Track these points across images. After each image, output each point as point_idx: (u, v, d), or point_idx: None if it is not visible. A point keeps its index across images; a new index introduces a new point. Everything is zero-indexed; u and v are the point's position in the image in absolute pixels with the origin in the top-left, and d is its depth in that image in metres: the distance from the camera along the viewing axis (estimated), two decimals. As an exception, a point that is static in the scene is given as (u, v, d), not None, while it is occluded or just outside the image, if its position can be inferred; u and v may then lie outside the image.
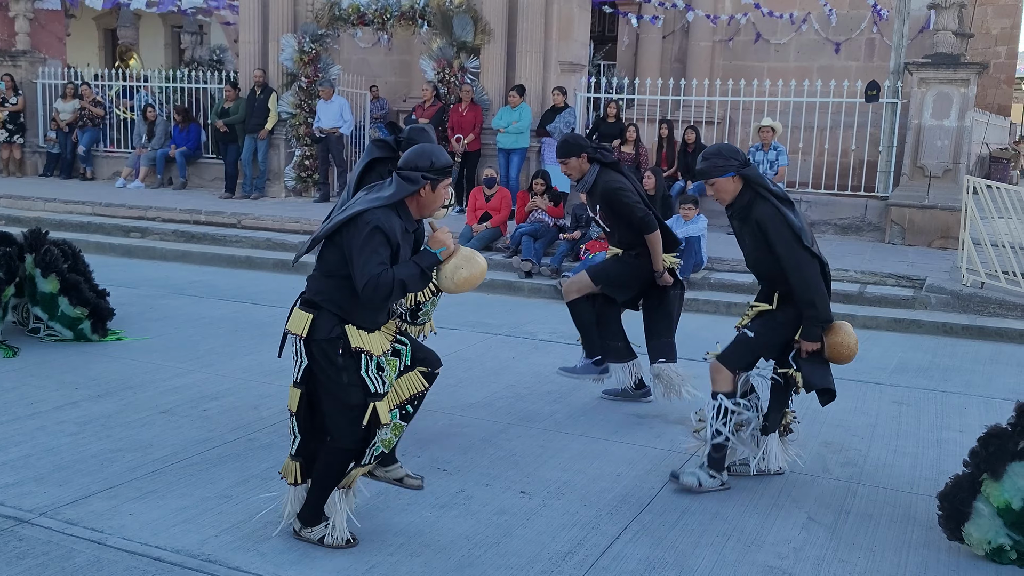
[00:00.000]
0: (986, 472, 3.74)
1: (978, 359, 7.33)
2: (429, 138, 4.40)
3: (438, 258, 3.70)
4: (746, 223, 4.35)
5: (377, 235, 3.50)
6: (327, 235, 3.60)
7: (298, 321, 3.62)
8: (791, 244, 4.17)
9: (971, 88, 10.93)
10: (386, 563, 3.61)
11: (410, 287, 3.60)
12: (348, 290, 3.56)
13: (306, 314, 3.60)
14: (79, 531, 3.77)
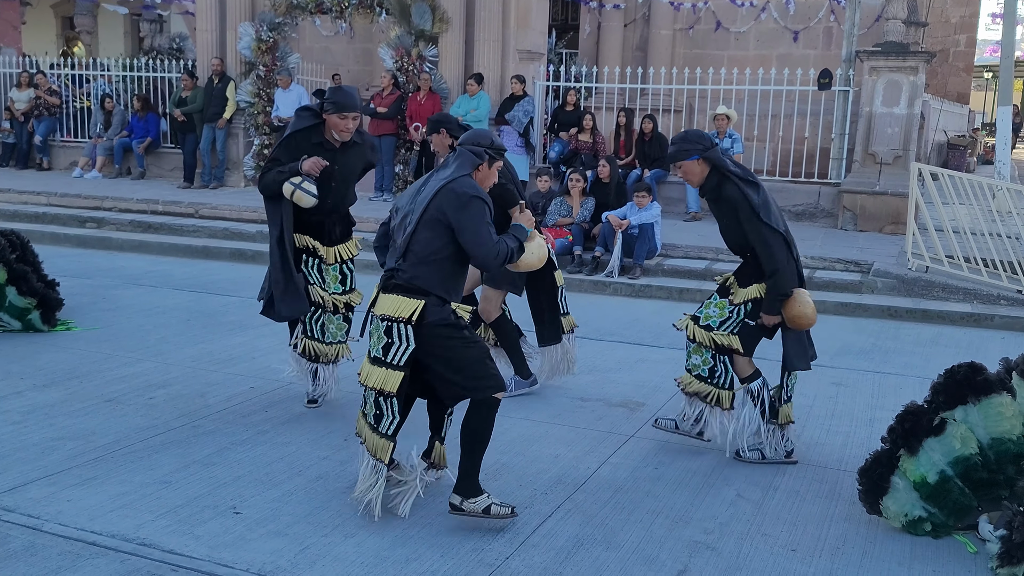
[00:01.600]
0: (903, 448, 3.88)
1: (919, 341, 7.51)
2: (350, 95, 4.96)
3: (527, 234, 3.97)
4: (718, 203, 4.61)
5: (480, 204, 3.75)
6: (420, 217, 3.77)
7: (401, 307, 3.74)
8: (752, 219, 4.43)
9: (920, 76, 11.12)
10: (320, 543, 3.68)
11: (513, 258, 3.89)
12: (446, 271, 3.79)
13: (412, 300, 3.73)
14: (15, 517, 3.80)
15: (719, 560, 3.64)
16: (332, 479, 4.31)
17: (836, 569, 3.60)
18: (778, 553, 3.71)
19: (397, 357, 3.75)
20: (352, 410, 5.27)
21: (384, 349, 3.77)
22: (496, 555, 3.62)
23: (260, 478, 4.30)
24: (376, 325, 3.82)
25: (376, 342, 3.81)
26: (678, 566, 3.59)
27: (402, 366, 3.75)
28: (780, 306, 4.51)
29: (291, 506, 4.00)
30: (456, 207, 3.72)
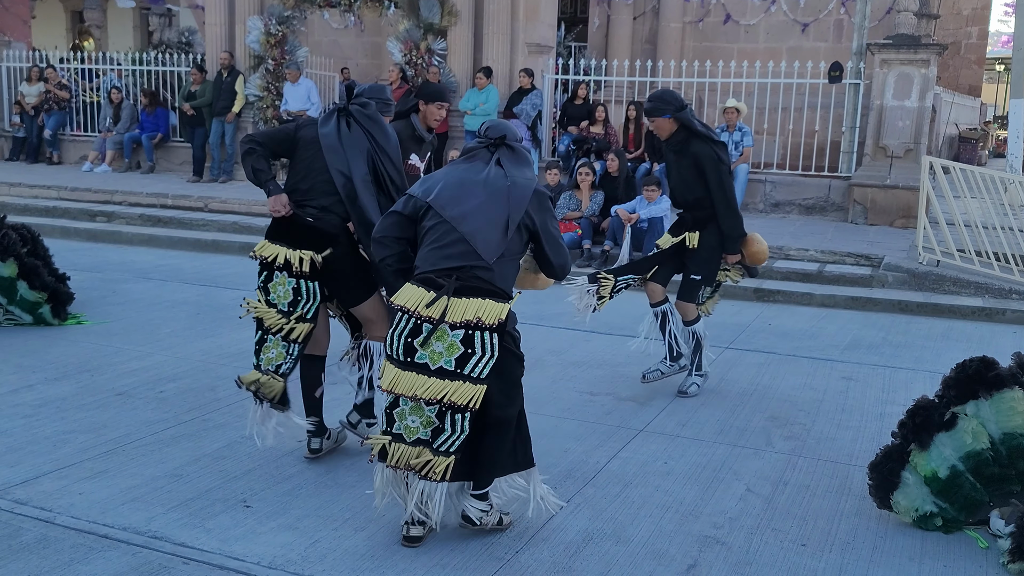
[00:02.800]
0: (914, 443, 3.87)
1: (930, 335, 7.48)
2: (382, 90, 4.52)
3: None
4: (683, 156, 5.33)
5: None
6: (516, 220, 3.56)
7: (490, 311, 3.42)
8: (723, 177, 5.28)
9: (932, 69, 11.05)
10: (330, 537, 3.69)
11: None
12: (514, 273, 3.64)
13: (500, 304, 3.45)
14: (28, 510, 3.82)
15: (729, 555, 3.64)
16: (342, 473, 4.32)
17: (846, 564, 3.59)
18: (788, 548, 3.71)
19: (479, 370, 3.42)
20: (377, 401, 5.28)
21: (460, 360, 3.41)
22: (505, 549, 3.62)
23: (270, 472, 4.31)
24: (442, 333, 3.43)
25: (443, 352, 3.43)
26: (688, 560, 3.59)
27: (485, 379, 3.43)
28: (740, 245, 5.48)
29: (301, 500, 4.02)
30: (541, 208, 3.62)
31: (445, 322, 3.42)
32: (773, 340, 7.13)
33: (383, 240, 3.67)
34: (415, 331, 3.45)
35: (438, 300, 3.42)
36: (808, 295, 8.58)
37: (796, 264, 9.24)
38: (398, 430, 3.54)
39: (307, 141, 4.28)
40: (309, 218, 4.20)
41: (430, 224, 3.56)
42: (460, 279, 3.45)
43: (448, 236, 3.50)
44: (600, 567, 3.52)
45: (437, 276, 3.47)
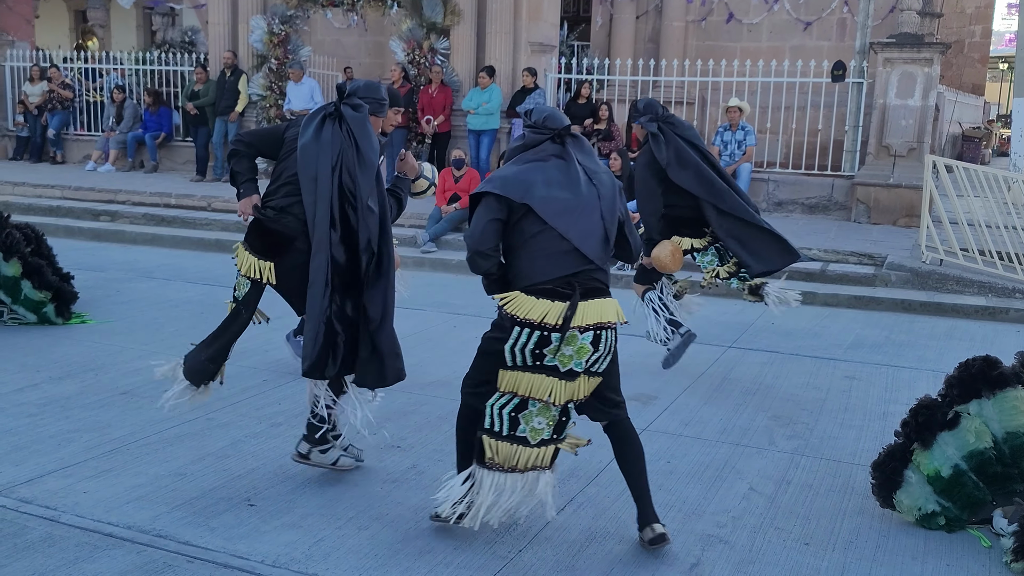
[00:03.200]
0: (916, 442, 3.87)
1: (933, 335, 7.48)
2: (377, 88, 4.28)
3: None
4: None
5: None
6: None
7: (612, 311, 3.47)
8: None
9: (935, 67, 11.04)
10: (334, 536, 3.70)
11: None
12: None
13: (615, 301, 3.53)
14: (33, 509, 3.84)
15: (732, 553, 3.64)
16: (345, 471, 4.32)
17: (849, 563, 3.60)
18: (791, 547, 3.71)
19: (601, 366, 3.50)
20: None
21: (590, 361, 3.44)
22: (509, 548, 3.63)
23: (274, 471, 4.32)
24: (572, 337, 3.37)
25: (573, 355, 3.40)
26: (691, 559, 3.59)
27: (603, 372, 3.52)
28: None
29: (305, 498, 4.03)
30: (620, 196, 3.63)
31: (574, 328, 3.37)
32: (776, 339, 7.13)
33: (488, 252, 3.44)
34: (543, 342, 3.37)
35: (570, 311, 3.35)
36: (811, 294, 8.56)
37: (799, 263, 9.20)
38: (522, 433, 3.49)
39: (289, 141, 4.12)
40: (268, 219, 4.08)
41: (533, 230, 3.40)
42: (580, 284, 3.40)
43: (557, 244, 3.39)
44: (603, 566, 3.52)
45: (556, 286, 3.38)
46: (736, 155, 11.58)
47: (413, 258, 9.77)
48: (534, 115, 3.65)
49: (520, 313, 3.36)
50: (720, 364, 6.33)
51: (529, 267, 3.41)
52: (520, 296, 3.38)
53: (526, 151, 3.59)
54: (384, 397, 5.38)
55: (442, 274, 9.55)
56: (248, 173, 4.24)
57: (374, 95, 4.16)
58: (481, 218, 3.43)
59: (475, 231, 3.44)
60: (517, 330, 3.37)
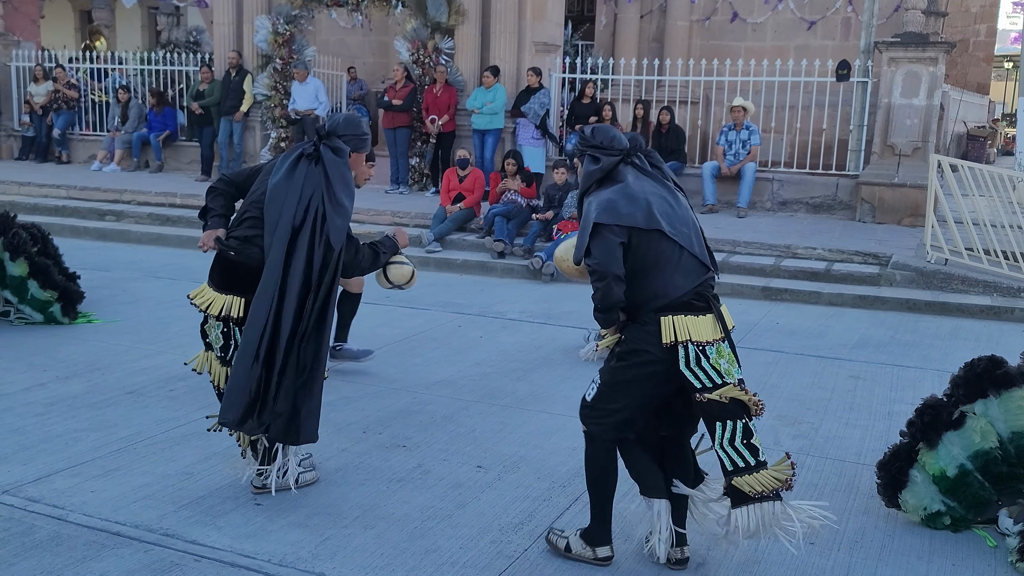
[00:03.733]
0: (922, 441, 3.87)
1: (938, 334, 7.47)
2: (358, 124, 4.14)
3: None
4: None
5: None
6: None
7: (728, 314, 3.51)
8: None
9: (940, 67, 11.02)
10: (340, 535, 3.71)
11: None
12: None
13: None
14: (41, 508, 3.85)
15: (737, 553, 3.65)
16: (351, 471, 4.35)
17: (855, 562, 3.60)
18: (796, 546, 3.71)
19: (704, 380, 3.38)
20: (384, 397, 5.32)
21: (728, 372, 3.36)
22: (515, 547, 3.64)
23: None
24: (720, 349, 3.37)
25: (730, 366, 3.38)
26: (696, 559, 3.60)
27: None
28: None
29: (311, 498, 4.04)
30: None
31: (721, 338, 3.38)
32: (780, 339, 7.13)
33: (623, 277, 3.35)
34: (704, 355, 3.32)
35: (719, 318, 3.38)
36: (816, 294, 8.58)
37: (803, 263, 9.24)
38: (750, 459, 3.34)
39: (263, 176, 4.02)
40: (231, 251, 3.95)
41: (658, 248, 3.36)
42: (707, 292, 3.43)
43: (679, 255, 3.38)
44: (609, 564, 3.53)
45: (691, 299, 3.36)
46: (740, 155, 11.58)
47: (418, 257, 9.78)
48: (599, 136, 3.58)
49: (681, 335, 3.31)
50: (725, 364, 6.33)
51: (661, 285, 3.36)
52: (670, 319, 3.32)
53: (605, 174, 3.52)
54: (389, 397, 5.44)
55: (447, 273, 9.56)
56: (219, 209, 4.13)
57: (354, 131, 4.03)
58: (608, 244, 3.34)
59: (606, 256, 3.33)
60: (682, 350, 3.31)
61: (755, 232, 10.20)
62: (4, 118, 16.18)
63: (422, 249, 10.01)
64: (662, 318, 3.32)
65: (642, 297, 3.38)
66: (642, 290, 3.38)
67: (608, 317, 3.43)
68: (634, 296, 3.39)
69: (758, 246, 9.61)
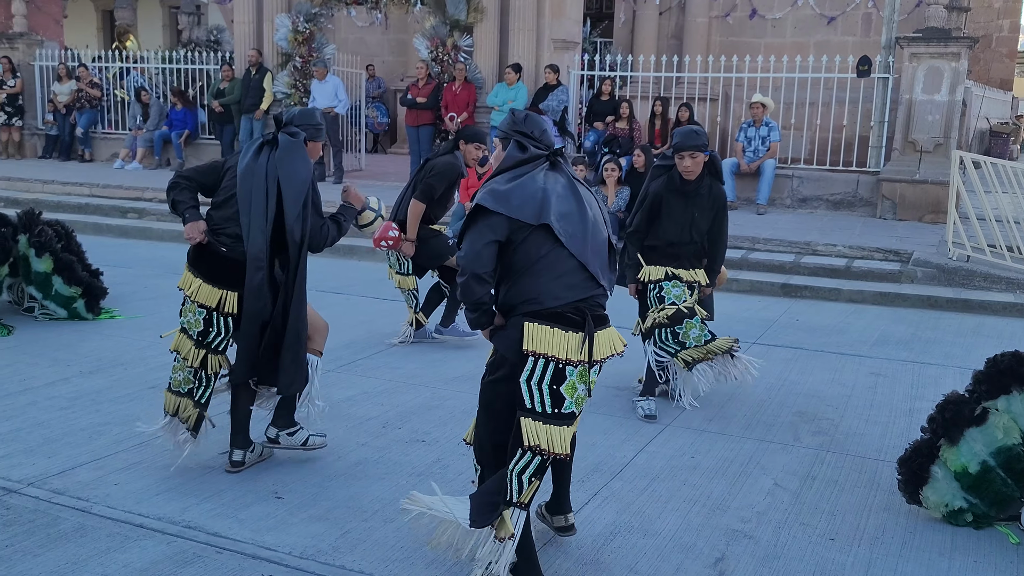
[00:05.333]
0: (943, 438, 3.85)
1: (960, 331, 7.41)
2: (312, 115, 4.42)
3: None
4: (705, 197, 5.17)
5: None
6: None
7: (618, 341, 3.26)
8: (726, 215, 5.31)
9: (962, 62, 10.93)
10: (360, 528, 3.73)
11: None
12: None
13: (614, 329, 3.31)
14: (65, 500, 3.90)
15: (756, 548, 3.64)
16: (371, 464, 4.37)
17: (875, 559, 3.58)
18: (816, 542, 3.71)
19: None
20: (403, 392, 5.34)
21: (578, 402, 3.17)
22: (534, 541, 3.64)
23: (300, 463, 4.37)
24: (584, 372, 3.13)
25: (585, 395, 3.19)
26: (715, 554, 3.59)
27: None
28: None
29: (331, 491, 4.07)
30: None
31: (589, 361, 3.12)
32: (801, 336, 7.10)
33: (487, 277, 3.12)
34: (558, 376, 3.09)
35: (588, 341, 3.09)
36: (836, 291, 8.54)
37: (824, 260, 9.19)
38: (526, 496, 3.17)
39: (230, 171, 4.20)
40: (223, 248, 4.11)
41: (542, 251, 3.11)
42: (588, 310, 3.14)
43: (566, 263, 3.12)
44: (628, 560, 3.54)
45: (566, 311, 3.10)
46: (760, 151, 11.53)
47: (436, 255, 9.80)
48: (529, 125, 3.34)
49: (533, 347, 3.06)
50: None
51: (536, 289, 3.10)
52: (532, 327, 3.08)
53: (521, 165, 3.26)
54: (408, 392, 5.46)
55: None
56: (190, 202, 4.24)
57: (309, 121, 4.28)
58: (480, 238, 3.10)
59: (471, 252, 3.10)
60: (532, 361, 3.08)
61: (774, 229, 10.16)
62: (28, 117, 16.36)
63: (441, 246, 10.02)
64: (526, 323, 3.08)
65: (511, 297, 3.15)
66: (512, 290, 3.15)
67: (475, 318, 3.20)
68: (507, 297, 3.17)
69: (778, 243, 9.57)
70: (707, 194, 5.14)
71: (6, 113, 16.03)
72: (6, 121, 16.07)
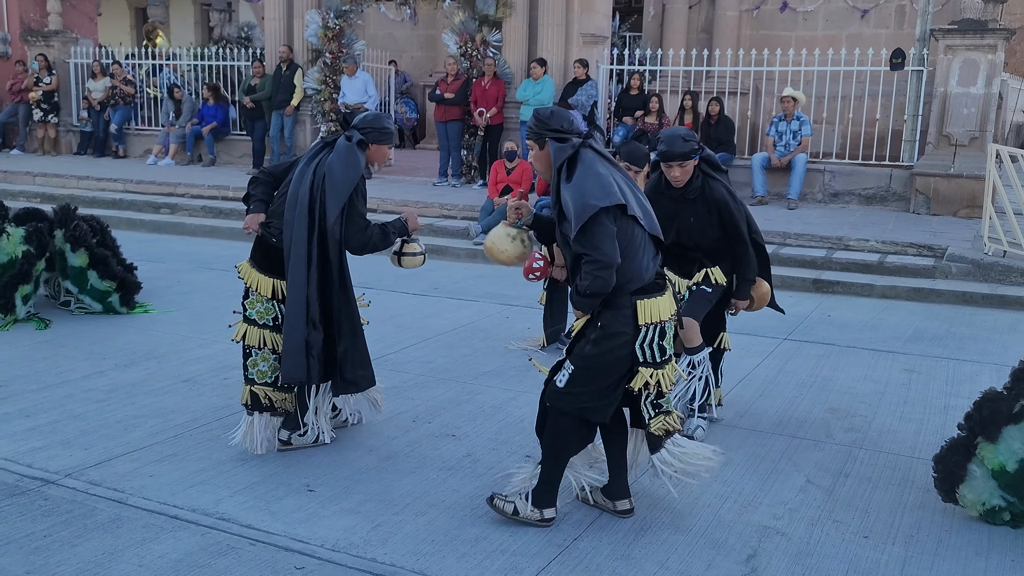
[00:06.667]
0: (981, 435, 3.79)
1: (996, 328, 7.30)
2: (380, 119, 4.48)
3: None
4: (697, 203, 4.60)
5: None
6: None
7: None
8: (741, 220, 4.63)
9: (999, 54, 10.75)
10: (392, 522, 3.75)
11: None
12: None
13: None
14: (102, 491, 3.96)
15: (789, 545, 3.62)
16: (402, 458, 4.39)
17: (910, 557, 3.54)
18: (850, 539, 3.67)
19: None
20: (433, 387, 5.36)
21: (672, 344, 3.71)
22: (565, 536, 3.65)
23: (332, 457, 4.39)
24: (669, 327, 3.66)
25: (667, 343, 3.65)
26: (747, 550, 3.57)
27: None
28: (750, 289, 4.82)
29: (363, 484, 4.09)
30: None
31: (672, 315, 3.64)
32: (833, 331, 7.03)
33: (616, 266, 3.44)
34: (662, 333, 3.59)
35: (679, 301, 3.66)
36: (868, 286, 8.44)
37: (856, 255, 9.09)
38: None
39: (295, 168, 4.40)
40: (273, 238, 4.32)
41: (632, 232, 3.52)
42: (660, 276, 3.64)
43: (644, 238, 3.58)
44: (659, 555, 3.52)
45: (657, 280, 3.60)
46: (791, 145, 11.43)
47: (466, 250, 9.83)
48: (557, 120, 3.61)
49: (650, 317, 3.53)
50: (775, 356, 6.27)
51: (638, 269, 3.52)
52: (644, 302, 3.53)
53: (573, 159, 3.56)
54: (438, 387, 5.48)
55: (495, 265, 9.55)
56: (260, 195, 4.46)
57: (375, 125, 4.34)
58: (608, 231, 3.42)
59: (606, 245, 3.41)
60: (645, 328, 3.54)
61: (806, 224, 10.06)
62: (64, 114, 16.59)
63: (470, 241, 10.05)
64: (638, 301, 3.52)
65: (620, 280, 3.48)
66: (622, 273, 3.48)
67: (594, 303, 3.54)
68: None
69: (809, 238, 9.48)
70: (701, 198, 4.58)
71: (42, 110, 16.28)
72: (42, 118, 16.31)
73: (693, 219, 4.64)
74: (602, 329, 3.54)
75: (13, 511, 3.74)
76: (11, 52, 17.04)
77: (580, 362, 3.58)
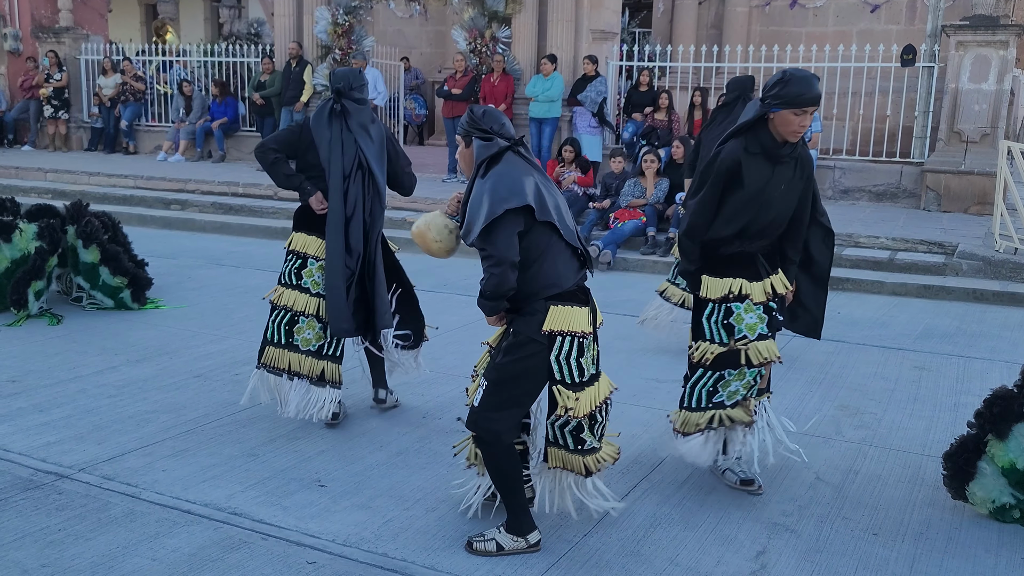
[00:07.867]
0: (991, 433, 3.79)
1: (1007, 325, 7.29)
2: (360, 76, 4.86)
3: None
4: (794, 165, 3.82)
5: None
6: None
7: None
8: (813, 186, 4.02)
9: (1010, 50, 10.71)
10: (402, 517, 3.77)
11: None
12: None
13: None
14: (115, 485, 3.99)
15: (798, 542, 3.62)
16: (412, 454, 4.41)
17: (920, 554, 3.55)
18: (859, 536, 3.68)
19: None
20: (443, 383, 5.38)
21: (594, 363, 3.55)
22: (575, 532, 3.66)
23: (343, 452, 4.42)
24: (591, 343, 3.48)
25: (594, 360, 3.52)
26: (756, 547, 3.58)
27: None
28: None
29: (373, 480, 4.11)
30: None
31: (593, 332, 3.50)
32: (842, 328, 7.02)
33: (516, 265, 3.31)
34: (581, 349, 3.41)
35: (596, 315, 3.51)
36: (879, 283, 8.43)
37: (866, 252, 9.08)
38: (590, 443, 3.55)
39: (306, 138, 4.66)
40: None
41: (548, 239, 3.37)
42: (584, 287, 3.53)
43: (566, 251, 3.43)
44: (668, 551, 3.54)
45: (575, 291, 3.44)
46: (801, 142, 11.38)
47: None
48: (488, 120, 3.49)
49: (558, 326, 3.35)
50: (785, 353, 6.24)
51: (554, 274, 3.38)
52: (552, 308, 3.35)
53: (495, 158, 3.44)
54: (448, 383, 5.50)
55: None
56: (298, 172, 4.74)
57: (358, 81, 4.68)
58: (507, 231, 3.29)
59: (505, 243, 3.28)
60: (560, 339, 3.36)
61: (816, 221, 10.03)
62: (74, 110, 16.67)
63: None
64: (551, 307, 3.35)
65: (534, 286, 3.36)
66: (534, 278, 3.36)
67: (496, 305, 3.39)
68: (525, 284, 3.36)
69: (819, 235, 9.44)
70: (793, 158, 3.78)
71: (53, 106, 16.35)
72: (53, 114, 16.39)
73: (784, 186, 3.79)
74: (514, 336, 3.39)
75: (28, 505, 3.78)
76: (22, 48, 17.11)
77: (492, 374, 3.43)
